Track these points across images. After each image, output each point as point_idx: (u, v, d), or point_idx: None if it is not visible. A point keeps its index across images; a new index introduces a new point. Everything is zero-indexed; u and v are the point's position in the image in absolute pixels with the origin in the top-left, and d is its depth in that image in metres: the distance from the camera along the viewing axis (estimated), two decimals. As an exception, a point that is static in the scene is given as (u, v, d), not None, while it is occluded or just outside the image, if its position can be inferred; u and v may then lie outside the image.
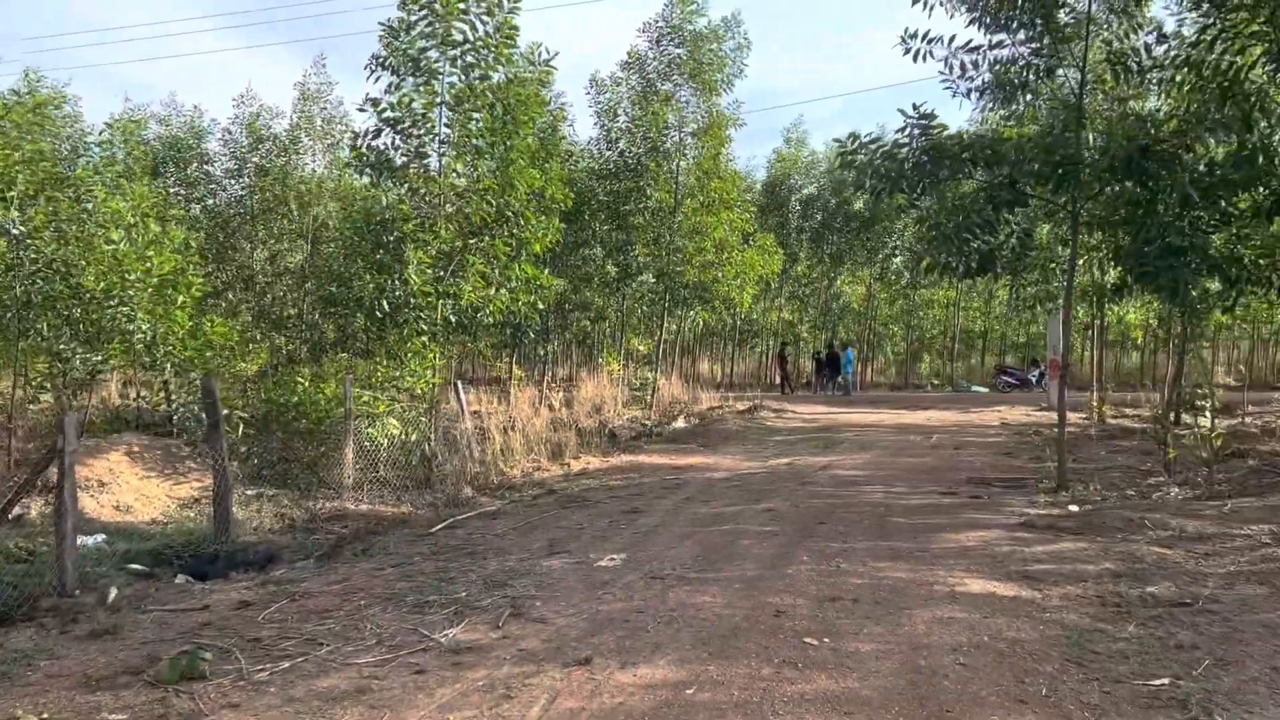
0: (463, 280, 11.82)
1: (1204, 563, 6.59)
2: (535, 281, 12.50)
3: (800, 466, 11.86)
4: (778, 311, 37.15)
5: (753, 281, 21.45)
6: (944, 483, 10.48)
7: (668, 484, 10.57)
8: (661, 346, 21.98)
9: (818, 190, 35.03)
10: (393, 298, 11.57)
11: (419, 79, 11.95)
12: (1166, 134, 8.39)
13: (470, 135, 11.97)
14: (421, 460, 11.89)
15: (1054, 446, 14.10)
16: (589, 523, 8.37)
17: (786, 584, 6.03)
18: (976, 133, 9.92)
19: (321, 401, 12.31)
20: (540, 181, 12.42)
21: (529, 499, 9.99)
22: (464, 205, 11.82)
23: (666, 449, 14.28)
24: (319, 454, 12.02)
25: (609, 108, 21.10)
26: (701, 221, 19.98)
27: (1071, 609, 5.56)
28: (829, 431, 16.67)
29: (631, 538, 7.63)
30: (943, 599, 5.76)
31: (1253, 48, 8.65)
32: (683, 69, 19.66)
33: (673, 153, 20.23)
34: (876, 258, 35.60)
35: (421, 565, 7.02)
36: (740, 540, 7.38)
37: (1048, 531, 7.76)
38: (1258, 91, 8.67)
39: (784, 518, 8.28)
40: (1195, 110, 8.96)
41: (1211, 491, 9.08)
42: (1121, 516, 8.12)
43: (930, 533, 7.71)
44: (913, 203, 9.47)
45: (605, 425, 16.77)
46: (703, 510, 8.76)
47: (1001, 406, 23.08)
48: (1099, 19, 9.27)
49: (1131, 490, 9.85)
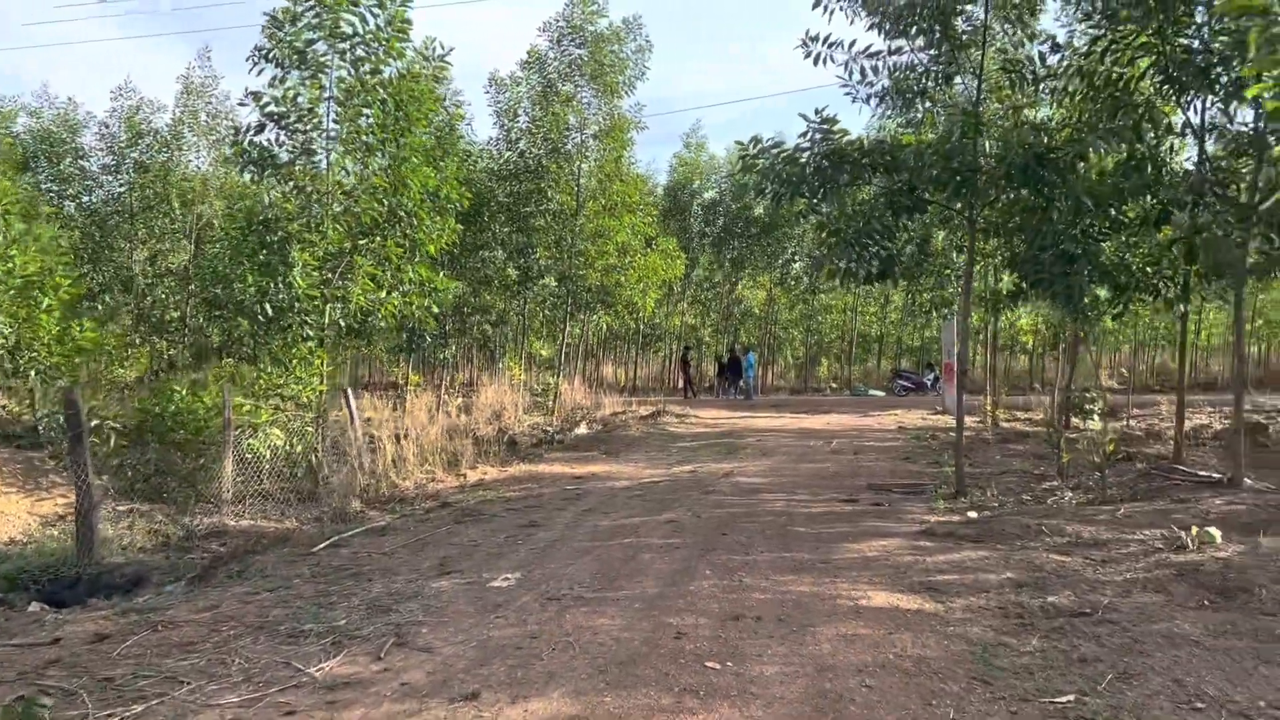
0: (352, 283, 11.28)
1: (1101, 570, 6.61)
2: (430, 284, 12.04)
3: (703, 474, 11.69)
4: (681, 315, 37.18)
5: (656, 286, 21.30)
6: (845, 489, 10.44)
7: (568, 495, 10.25)
8: (564, 351, 21.64)
9: (719, 195, 35.20)
10: (276, 301, 10.97)
11: (305, 72, 11.38)
12: (1061, 142, 8.49)
13: (360, 132, 11.46)
14: (307, 472, 11.31)
15: (951, 451, 14.31)
16: (483, 538, 8.00)
17: (688, 602, 5.79)
18: (877, 138, 9.91)
19: (200, 411, 11.63)
20: (435, 181, 11.96)
21: (421, 513, 9.55)
22: (353, 204, 11.29)
23: (568, 457, 13.95)
24: (197, 466, 11.34)
25: (509, 108, 20.69)
26: (604, 225, 19.73)
27: (975, 621, 5.47)
28: (731, 437, 16.59)
29: (528, 554, 7.29)
30: (847, 614, 5.60)
31: (1141, 59, 8.83)
32: (584, 70, 19.38)
33: (574, 155, 19.93)
34: (777, 263, 35.94)
35: (300, 588, 6.55)
36: (641, 555, 7.12)
37: (948, 540, 7.73)
38: (1146, 103, 8.86)
39: (686, 529, 8.06)
40: (1088, 119, 9.11)
41: (1104, 496, 9.23)
42: (1019, 523, 8.16)
43: (833, 542, 7.59)
44: (814, 208, 9.38)
45: (505, 432, 16.35)
46: (603, 523, 8.47)
47: (898, 410, 23.47)
48: (994, 28, 9.35)
49: (1027, 495, 9.96)
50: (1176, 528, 7.69)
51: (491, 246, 21.28)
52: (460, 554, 7.43)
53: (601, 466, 12.74)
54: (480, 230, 20.45)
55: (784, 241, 34.92)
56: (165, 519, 10.07)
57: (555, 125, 19.40)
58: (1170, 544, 7.19)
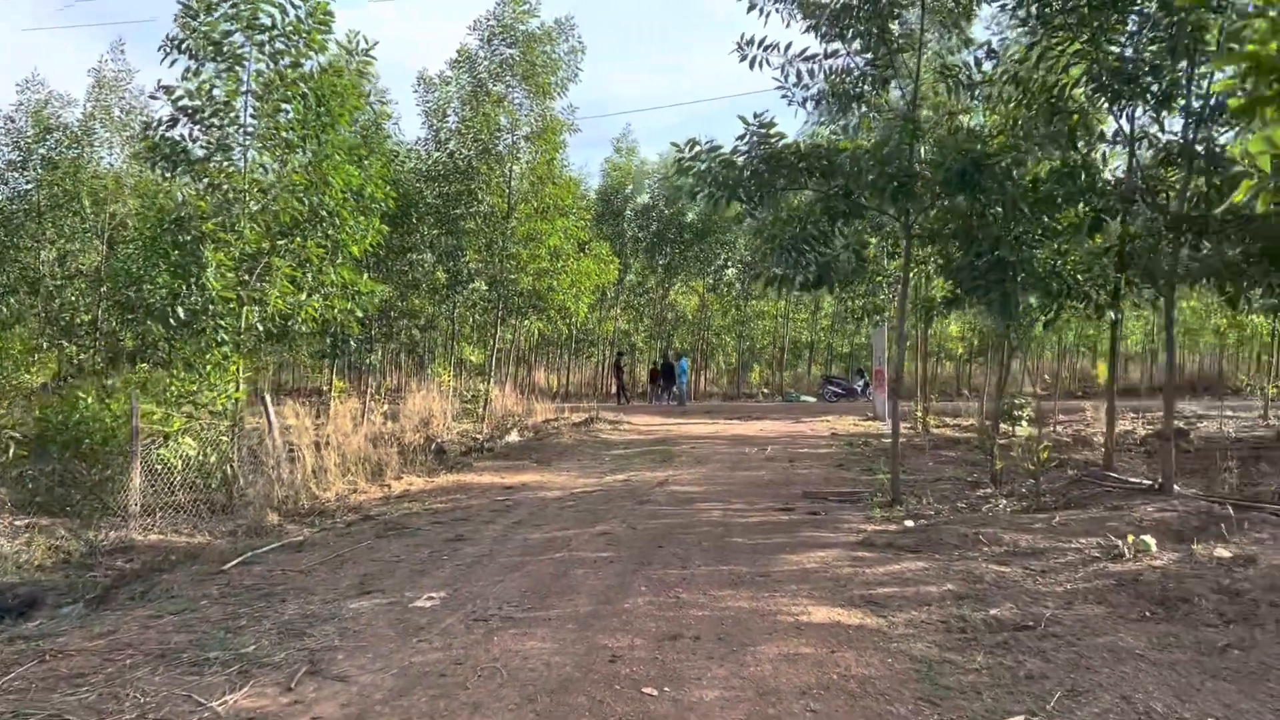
0: (270, 285, 10.76)
1: (1041, 580, 6.52)
2: (353, 287, 11.56)
3: (637, 483, 11.43)
4: (614, 321, 36.94)
5: (589, 291, 21.00)
6: (781, 498, 10.28)
7: (497, 506, 9.88)
8: (495, 356, 21.19)
9: (652, 200, 35.11)
10: (189, 304, 10.41)
11: (221, 65, 10.84)
12: (997, 148, 8.44)
13: (280, 127, 10.96)
14: (222, 484, 10.76)
15: (884, 458, 14.29)
16: (407, 554, 7.60)
17: (623, 621, 5.51)
18: (814, 143, 9.77)
19: (108, 419, 10.99)
20: (359, 179, 11.51)
21: (342, 526, 9.09)
22: (271, 203, 10.78)
23: (498, 466, 13.56)
24: (104, 478, 10.70)
25: (438, 107, 20.22)
26: (536, 228, 19.37)
27: (918, 637, 5.30)
28: (665, 444, 16.37)
29: (454, 571, 6.93)
30: (788, 631, 5.39)
31: (1074, 67, 8.85)
32: (515, 70, 19.00)
33: (505, 156, 19.53)
34: (710, 269, 35.97)
35: (207, 611, 6.10)
36: (574, 570, 6.82)
37: (887, 550, 7.59)
38: (1080, 110, 8.88)
39: (621, 542, 7.78)
40: (1023, 126, 9.10)
41: (1038, 504, 9.22)
42: (957, 532, 8.07)
43: (771, 554, 7.39)
44: (750, 213, 9.20)
45: (433, 440, 15.88)
46: (534, 536, 8.14)
47: (830, 416, 23.55)
48: (930, 33, 9.29)
49: (962, 503, 9.92)
50: (1112, 536, 7.67)
51: (420, 249, 20.75)
52: (382, 571, 7.04)
53: (533, 476, 12.40)
54: (408, 232, 19.91)
55: (717, 248, 34.96)
56: (68, 534, 9.45)
57: (486, 126, 18.98)
58: (1107, 553, 7.16)
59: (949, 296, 9.83)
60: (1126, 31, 8.69)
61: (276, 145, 11.21)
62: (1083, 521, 8.43)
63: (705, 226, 34.21)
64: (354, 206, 11.44)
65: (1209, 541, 7.31)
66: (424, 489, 11.22)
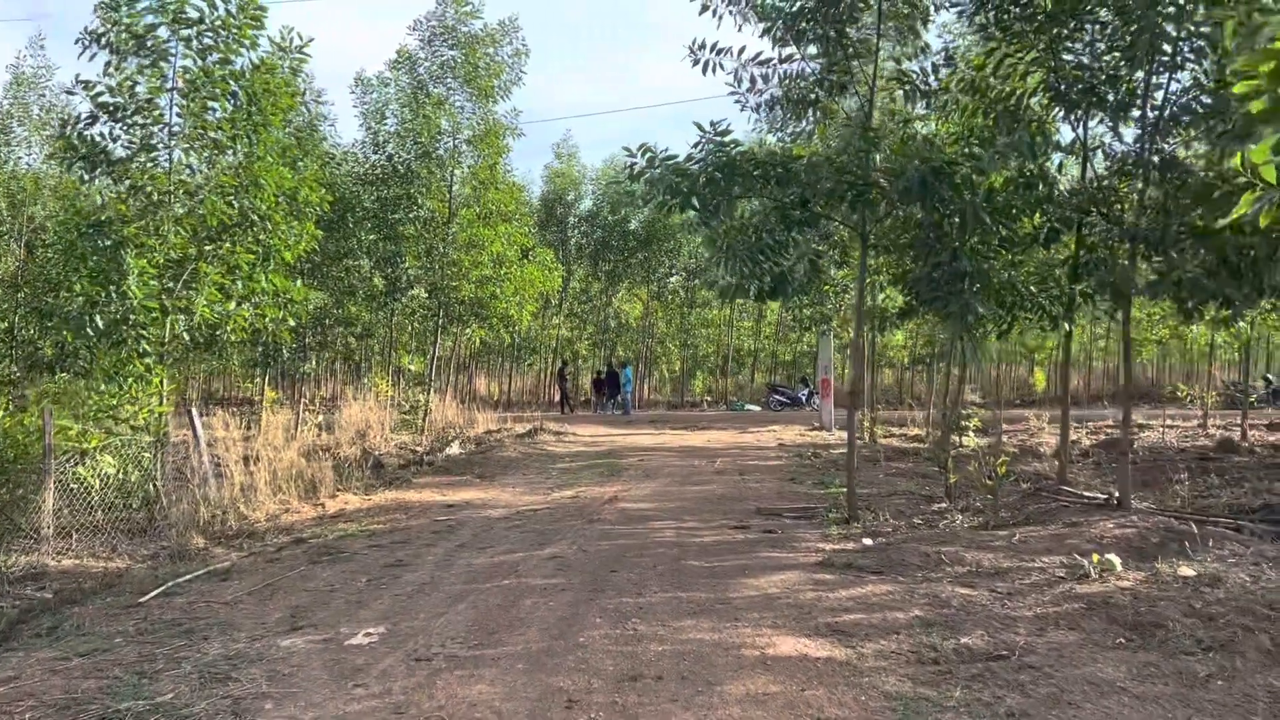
0: (196, 293, 10.15)
1: (1009, 604, 6.29)
2: (285, 295, 10.98)
3: (586, 500, 11.03)
4: (557, 329, 36.47)
5: (532, 298, 20.54)
6: (735, 515, 9.98)
7: (439, 527, 9.40)
8: (435, 365, 20.60)
9: (596, 207, 34.79)
10: (108, 312, 9.75)
11: (145, 60, 10.21)
12: (954, 156, 8.25)
13: (207, 126, 10.34)
14: (144, 504, 10.10)
15: (834, 469, 14.11)
16: (343, 582, 7.11)
17: (579, 659, 5.12)
18: (769, 149, 9.51)
19: (19, 435, 10.25)
20: (293, 181, 10.94)
21: (272, 550, 8.53)
22: (197, 206, 10.17)
23: (439, 481, 13.04)
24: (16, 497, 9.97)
25: (376, 109, 19.58)
26: (478, 234, 18.85)
27: (890, 670, 5.02)
28: (613, 457, 15.99)
29: (393, 602, 6.47)
30: (754, 666, 5.06)
31: (1032, 75, 8.71)
32: (457, 72, 18.48)
33: (447, 160, 19.00)
34: (654, 276, 35.75)
35: (121, 651, 5.57)
36: (523, 599, 6.41)
37: (848, 571, 7.32)
38: (1038, 119, 8.75)
39: (572, 566, 7.38)
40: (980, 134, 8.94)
41: (996, 519, 9.04)
42: (918, 551, 7.84)
43: (730, 577, 7.07)
44: (705, 221, 8.89)
45: (370, 453, 15.29)
46: (479, 560, 7.70)
47: (776, 426, 23.41)
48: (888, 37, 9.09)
49: (919, 518, 9.72)
50: (1076, 555, 7.52)
51: (357, 255, 20.08)
52: (315, 602, 6.55)
53: (476, 492, 11.92)
54: (345, 238, 19.25)
55: (661, 255, 34.76)
56: (-27, 560, 8.76)
57: (426, 129, 18.43)
58: (1073, 573, 6.98)
59: (904, 307, 9.63)
60: (1084, 40, 8.58)
61: (204, 145, 10.60)
62: (1043, 539, 8.28)
63: (649, 234, 33.95)
64: (287, 210, 10.87)
65: (1172, 559, 7.19)
66: (361, 508, 10.67)
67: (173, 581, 7.33)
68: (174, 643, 5.68)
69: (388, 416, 19.04)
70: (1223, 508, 9.64)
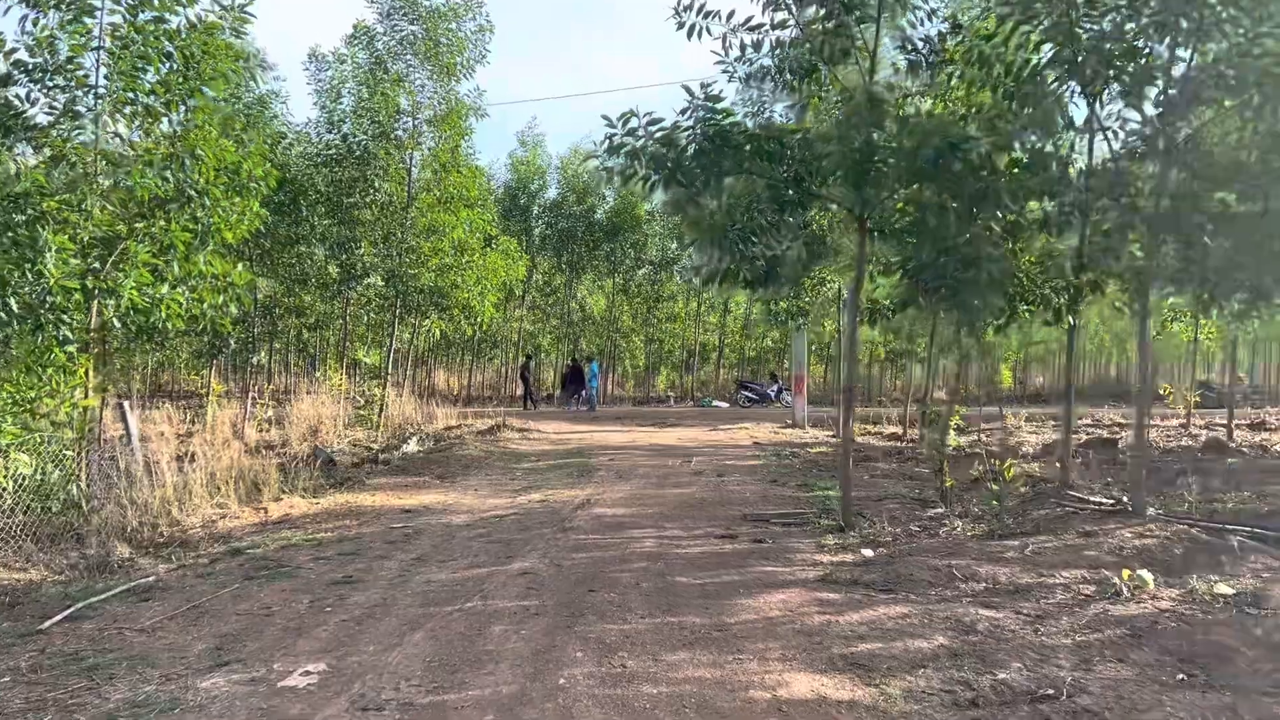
0: (124, 275, 9.13)
1: (1042, 629, 5.57)
2: (226, 279, 9.99)
3: (556, 504, 10.17)
4: (519, 321, 35.47)
5: (495, 288, 19.58)
6: (719, 521, 9.19)
7: (394, 535, 8.48)
8: (392, 358, 19.56)
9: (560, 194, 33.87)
10: (22, 294, 8.71)
11: (67, 14, 9.15)
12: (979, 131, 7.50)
13: (138, 89, 9.32)
14: (65, 508, 9.06)
15: (816, 470, 13.39)
16: (281, 604, 6.19)
17: (560, 707, 4.28)
18: (762, 122, 8.69)
19: (-77, 431, 9.18)
20: (235, 155, 9.94)
21: (204, 563, 7.56)
22: (125, 178, 9.15)
23: (395, 483, 12.08)
24: (-83, 501, 8.91)
25: (332, 87, 18.50)
26: (439, 220, 17.90)
27: (925, 715, 4.27)
28: (582, 456, 15.13)
29: (339, 629, 5.57)
30: (767, 713, 4.27)
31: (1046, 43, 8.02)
32: (417, 48, 17.51)
33: (406, 141, 18.00)
34: (620, 268, 34.94)
35: (6, 697, 4.62)
36: (491, 626, 5.55)
37: (855, 589, 6.56)
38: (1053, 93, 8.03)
39: (545, 585, 6.53)
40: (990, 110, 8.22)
41: (1002, 527, 8.34)
42: (926, 565, 7.12)
43: (724, 597, 6.27)
44: (692, 199, 8.08)
45: (322, 451, 14.29)
46: (439, 577, 6.81)
47: (747, 423, 22.70)
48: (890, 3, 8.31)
49: (915, 525, 8.99)
50: (1100, 569, 6.85)
51: (310, 240, 18.98)
52: (246, 629, 5.63)
53: (435, 495, 11.00)
54: (297, 222, 18.16)
55: (627, 247, 33.97)
56: None
57: (385, 107, 17.42)
58: (1102, 591, 6.29)
59: (902, 298, 8.88)
60: (1104, 7, 7.86)
61: (136, 112, 9.57)
62: (1058, 550, 7.60)
63: (615, 224, 33.12)
64: (228, 185, 9.87)
65: (1204, 574, 6.53)
66: (308, 513, 9.69)
67: (84, 602, 6.36)
68: (72, 684, 4.75)
69: (342, 412, 18.03)
70: (1233, 513, 9.05)
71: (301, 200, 17.89)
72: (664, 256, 35.70)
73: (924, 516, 9.44)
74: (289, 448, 15.18)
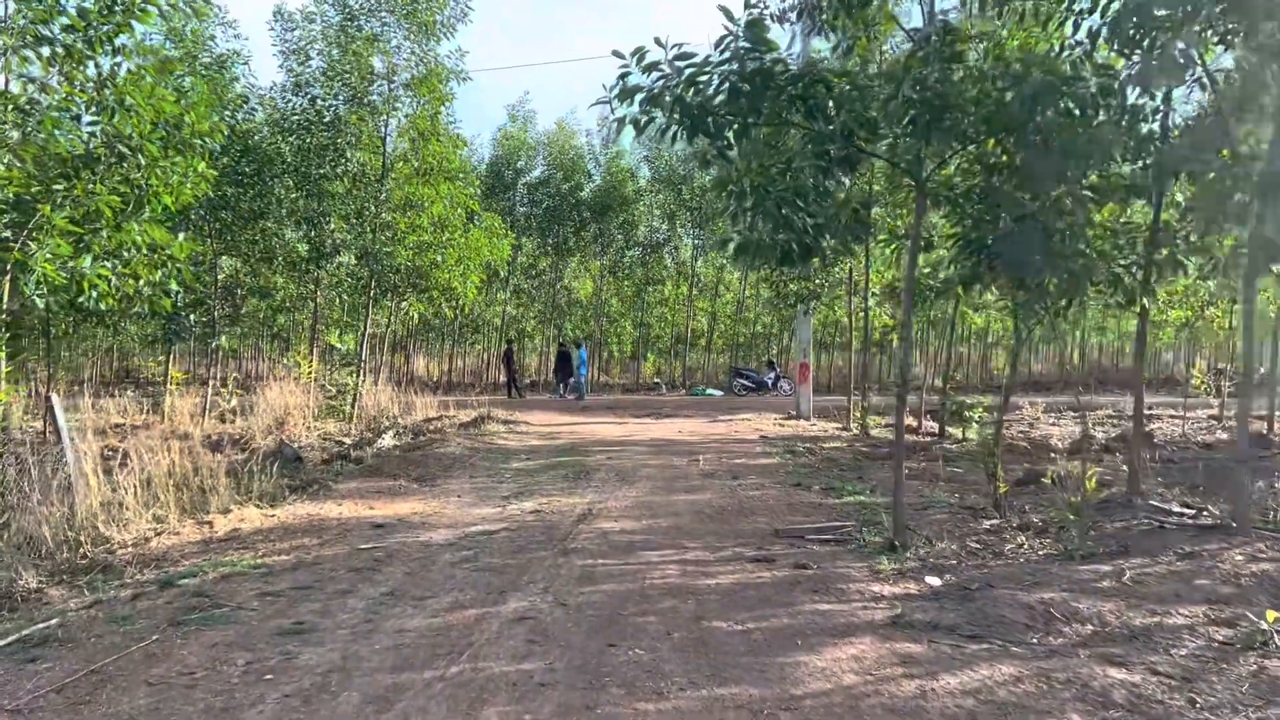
0: (38, 244, 7.66)
1: (1197, 698, 4.28)
2: (164, 250, 8.53)
3: (553, 516, 8.77)
4: (503, 304, 33.96)
5: (478, 268, 18.09)
6: (745, 537, 7.84)
7: (361, 560, 7.04)
8: (367, 343, 18.05)
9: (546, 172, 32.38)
10: (-88, 268, 7.25)
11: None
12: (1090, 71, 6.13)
13: (54, 22, 7.84)
14: (-30, 522, 7.61)
15: (836, 469, 12.07)
16: (209, 665, 4.75)
17: None
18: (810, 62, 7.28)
19: None
20: (176, 106, 8.46)
21: (125, 598, 6.09)
22: (39, 130, 7.68)
23: (367, 488, 10.63)
24: None
25: (299, 48, 16.93)
26: (416, 193, 16.41)
27: None
28: (577, 453, 13.72)
29: (278, 713, 4.16)
30: None
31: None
32: (392, 4, 15.99)
33: (380, 107, 16.48)
34: (608, 250, 33.54)
35: None
36: (484, 707, 4.16)
37: (937, 636, 5.24)
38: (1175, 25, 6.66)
39: (551, 636, 5.13)
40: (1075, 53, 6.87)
41: (1082, 547, 7.04)
42: (1014, 601, 5.80)
43: (779, 652, 4.92)
44: (722, 152, 6.68)
45: (287, 447, 12.83)
46: (415, 623, 5.40)
47: (748, 414, 21.39)
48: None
49: (974, 540, 7.69)
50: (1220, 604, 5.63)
51: (276, 215, 17.42)
52: (154, 709, 4.21)
53: (412, 504, 9.56)
54: (261, 195, 16.61)
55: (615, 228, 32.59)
56: None
57: (357, 69, 15.90)
58: (1243, 637, 5.04)
59: (968, 274, 7.53)
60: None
61: (56, 54, 8.07)
62: (1161, 578, 6.33)
63: (603, 203, 31.69)
64: (166, 140, 8.39)
65: (1362, 615, 5.27)
66: (261, 527, 8.24)
67: (-44, 660, 4.92)
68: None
69: (311, 401, 16.54)
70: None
71: (266, 171, 16.35)
72: (653, 238, 34.29)
73: (980, 530, 8.14)
74: (252, 442, 13.71)
